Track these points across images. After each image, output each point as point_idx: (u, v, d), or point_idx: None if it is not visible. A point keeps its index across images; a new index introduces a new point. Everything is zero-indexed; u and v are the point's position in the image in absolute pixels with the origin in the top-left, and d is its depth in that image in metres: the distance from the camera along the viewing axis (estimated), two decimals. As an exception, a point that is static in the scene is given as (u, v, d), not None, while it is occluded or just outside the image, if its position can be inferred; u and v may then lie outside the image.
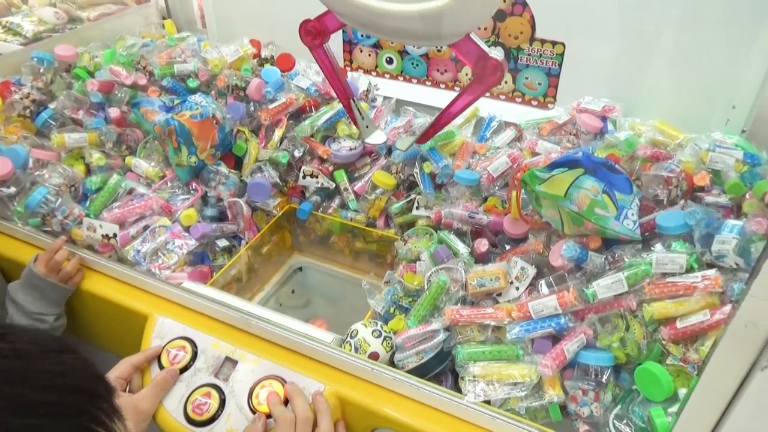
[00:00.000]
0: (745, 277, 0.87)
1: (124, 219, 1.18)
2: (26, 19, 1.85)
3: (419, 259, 1.13)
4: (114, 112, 1.37)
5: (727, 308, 0.82)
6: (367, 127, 1.06)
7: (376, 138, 1.10)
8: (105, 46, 1.58)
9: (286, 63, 1.55)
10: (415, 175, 1.30)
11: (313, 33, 0.94)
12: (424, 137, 1.02)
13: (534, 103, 1.42)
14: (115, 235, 1.13)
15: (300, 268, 1.46)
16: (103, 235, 1.13)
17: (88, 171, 1.31)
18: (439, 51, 1.46)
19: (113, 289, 1.11)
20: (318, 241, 1.44)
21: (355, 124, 1.07)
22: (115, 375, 0.94)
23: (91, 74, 1.47)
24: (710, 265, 0.90)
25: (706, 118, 1.26)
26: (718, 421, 0.67)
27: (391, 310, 1.06)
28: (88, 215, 1.18)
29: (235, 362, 0.98)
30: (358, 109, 1.03)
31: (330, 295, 1.45)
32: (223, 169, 1.31)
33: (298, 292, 1.45)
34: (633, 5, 1.22)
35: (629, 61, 1.28)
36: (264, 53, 1.60)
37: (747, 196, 1.02)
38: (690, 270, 0.87)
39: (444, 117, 1.03)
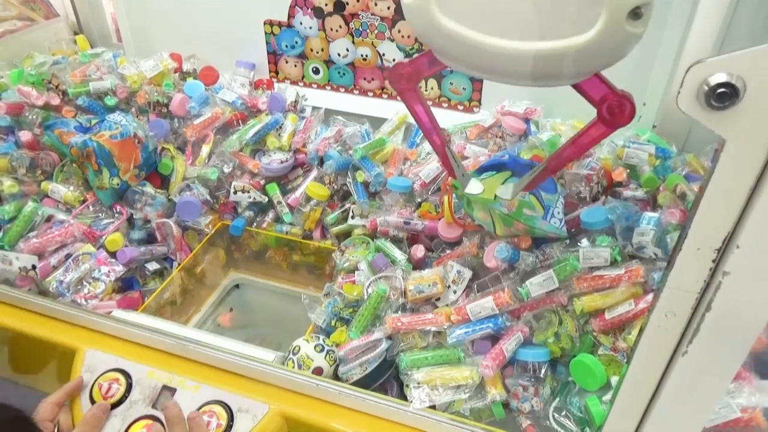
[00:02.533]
0: (663, 266, 0.93)
1: (44, 249, 1.11)
2: None
3: (358, 269, 1.13)
4: (25, 135, 1.29)
5: (650, 297, 0.87)
6: (462, 176, 0.92)
7: (474, 188, 0.95)
8: (11, 65, 1.49)
9: (209, 76, 1.52)
10: (348, 184, 1.30)
11: (407, 78, 0.80)
12: (532, 184, 0.87)
13: (460, 107, 1.45)
14: (33, 267, 1.06)
15: (237, 286, 1.43)
16: (20, 268, 1.06)
17: (0, 200, 1.23)
18: (365, 60, 1.47)
19: (36, 324, 1.04)
20: (254, 256, 1.41)
21: (450, 173, 0.92)
22: (38, 419, 0.88)
23: (-3, 96, 1.38)
24: (632, 257, 0.95)
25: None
26: (647, 404, 0.71)
27: (333, 323, 1.05)
28: (2, 247, 1.11)
29: (173, 390, 0.95)
30: (453, 158, 0.88)
31: (270, 310, 1.42)
32: (149, 189, 1.27)
33: (236, 310, 1.42)
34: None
35: None
36: (186, 67, 1.56)
37: (661, 188, 1.08)
38: (614, 263, 0.92)
39: (555, 161, 0.84)
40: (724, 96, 0.48)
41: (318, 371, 0.96)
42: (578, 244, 0.98)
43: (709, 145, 1.18)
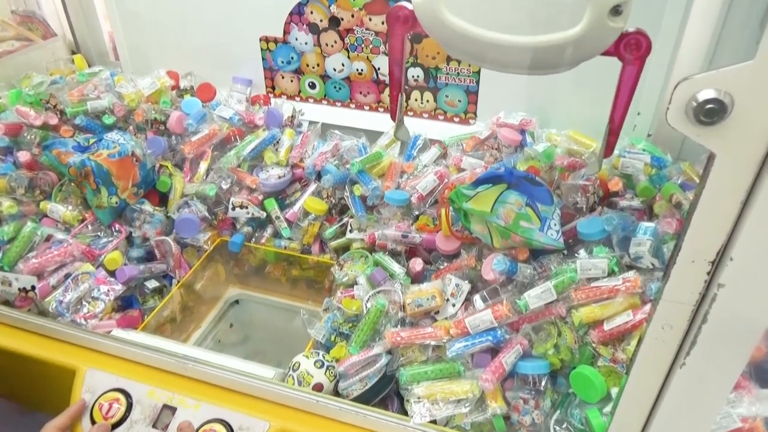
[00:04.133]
0: (661, 276, 0.93)
1: (43, 269, 1.12)
2: None
3: (356, 283, 1.14)
4: (24, 155, 1.30)
5: (648, 308, 0.87)
6: (399, 122, 1.03)
7: (404, 135, 1.06)
8: (9, 86, 1.50)
9: (206, 93, 1.53)
10: (346, 198, 1.31)
11: (403, 20, 0.86)
12: (608, 149, 0.94)
13: (456, 119, 1.46)
14: (33, 288, 1.06)
15: (236, 301, 1.43)
16: (20, 289, 1.07)
17: (-1, 220, 1.23)
18: (360, 74, 1.48)
19: (36, 345, 1.04)
20: (253, 272, 1.41)
21: (392, 116, 1.04)
22: None
23: (-5, 117, 1.39)
24: (630, 267, 0.95)
25: None
26: (647, 416, 0.71)
27: (332, 338, 1.05)
28: (1, 268, 1.11)
29: (173, 409, 0.95)
30: (400, 106, 0.99)
31: (269, 326, 1.42)
32: (148, 207, 1.27)
33: (236, 327, 1.42)
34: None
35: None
36: (183, 84, 1.57)
37: (657, 198, 1.09)
38: (612, 273, 0.92)
39: (615, 118, 0.92)
40: (713, 112, 0.48)
41: (318, 387, 0.96)
42: (576, 255, 0.98)
43: (704, 154, 1.18)
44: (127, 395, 0.96)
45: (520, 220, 0.97)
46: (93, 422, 0.93)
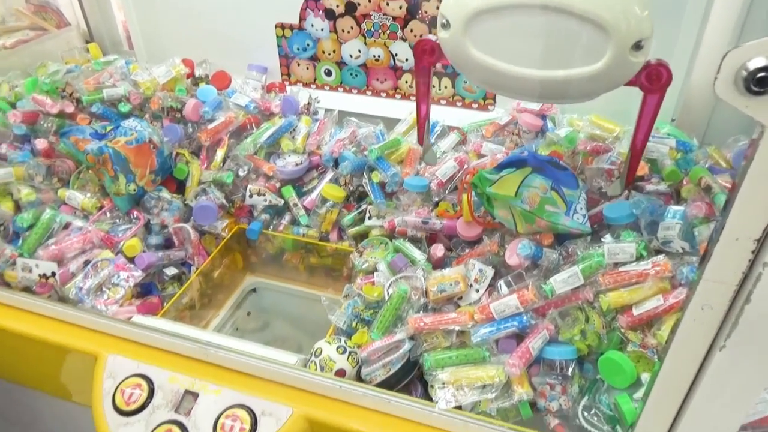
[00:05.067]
0: (691, 260, 0.91)
1: (62, 255, 1.11)
2: (-67, 50, 1.72)
3: (377, 270, 1.12)
4: (41, 143, 1.29)
5: (679, 292, 0.85)
6: (429, 146, 1.09)
7: (431, 158, 1.12)
8: (25, 74, 1.49)
9: (222, 81, 1.51)
10: (364, 185, 1.29)
11: (429, 53, 0.92)
12: (630, 174, 0.97)
13: (474, 106, 1.44)
14: (53, 274, 1.06)
15: (254, 290, 1.42)
16: (40, 275, 1.06)
17: (17, 208, 1.23)
18: (377, 60, 1.46)
19: (57, 332, 1.04)
20: (271, 260, 1.40)
21: (420, 141, 1.10)
22: None
23: (12, 105, 1.39)
24: (658, 251, 0.93)
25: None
26: (682, 401, 0.70)
27: (353, 324, 1.04)
28: (21, 255, 1.11)
29: (195, 395, 0.94)
30: (427, 130, 1.07)
31: (287, 314, 1.42)
32: (165, 194, 1.26)
33: (254, 314, 1.41)
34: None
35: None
36: (198, 72, 1.56)
37: (684, 182, 1.07)
38: (640, 258, 0.90)
39: (637, 143, 0.95)
40: (764, 81, 0.46)
41: (341, 373, 0.95)
42: (602, 239, 0.97)
43: (731, 137, 1.17)
44: (149, 381, 0.96)
45: (545, 204, 0.96)
46: (115, 408, 0.93)
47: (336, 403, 0.92)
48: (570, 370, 0.88)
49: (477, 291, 1.00)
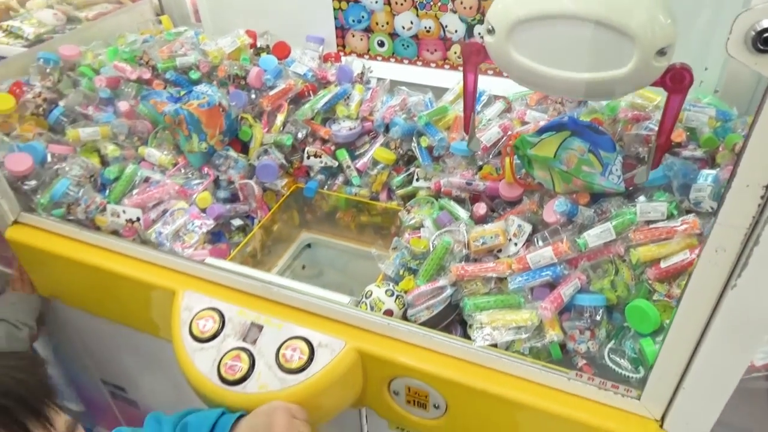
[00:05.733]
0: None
1: (144, 204, 1.25)
2: (26, 22, 1.90)
3: (423, 226, 1.22)
4: (123, 105, 1.43)
5: (704, 245, 0.91)
6: (472, 138, 1.20)
7: (475, 146, 1.23)
8: (106, 44, 1.64)
9: (282, 51, 1.62)
10: (413, 149, 1.38)
11: (476, 53, 1.03)
12: (655, 162, 1.04)
13: (520, 76, 1.50)
14: (138, 219, 1.20)
15: (309, 245, 1.54)
16: (127, 220, 1.21)
17: (103, 162, 1.38)
18: (428, 32, 1.54)
19: (141, 270, 1.19)
20: (324, 218, 1.52)
21: (466, 130, 1.21)
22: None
23: (96, 71, 1.53)
24: (689, 212, 0.99)
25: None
26: (699, 338, 0.77)
27: (401, 272, 1.14)
28: (109, 203, 1.26)
29: (260, 327, 1.06)
30: (473, 124, 1.18)
31: (339, 268, 1.53)
32: (232, 153, 1.39)
33: (308, 268, 1.53)
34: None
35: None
36: (260, 43, 1.67)
37: (720, 148, 1.11)
38: (670, 217, 0.96)
39: (661, 137, 1.01)
40: (770, 40, 0.53)
41: (388, 313, 1.06)
42: (635, 200, 1.03)
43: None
44: (220, 313, 1.09)
45: (582, 165, 1.03)
46: (192, 335, 1.06)
47: (384, 339, 1.03)
48: (599, 316, 0.96)
49: (515, 245, 1.08)
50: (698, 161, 1.09)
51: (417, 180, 1.36)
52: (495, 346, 0.98)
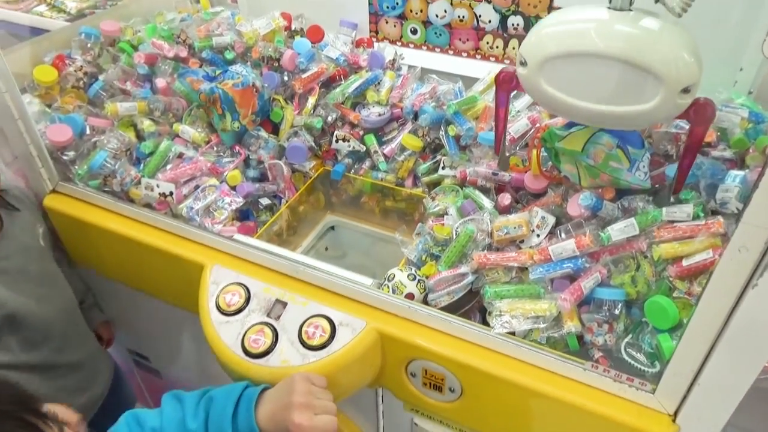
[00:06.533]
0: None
1: (177, 180, 1.29)
2: (68, -4, 1.95)
3: (447, 214, 1.23)
4: (161, 82, 1.47)
5: (728, 245, 0.92)
6: (504, 155, 1.24)
7: (505, 164, 1.25)
8: (145, 21, 1.67)
9: (316, 35, 1.63)
10: (440, 137, 1.39)
11: (509, 81, 1.08)
12: (678, 186, 1.04)
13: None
14: (171, 193, 1.24)
15: (332, 227, 1.57)
16: (160, 194, 1.25)
17: (138, 137, 1.42)
18: (461, 21, 1.54)
19: (171, 243, 1.23)
20: (349, 201, 1.54)
21: (496, 151, 1.24)
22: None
23: (135, 48, 1.57)
24: (714, 212, 0.99)
25: (714, 80, 1.33)
26: (717, 335, 0.78)
27: (423, 258, 1.17)
28: (144, 176, 1.30)
29: (284, 304, 1.10)
30: (504, 144, 1.22)
31: (362, 252, 1.56)
32: (263, 133, 1.42)
33: (331, 250, 1.56)
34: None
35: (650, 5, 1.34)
36: (294, 26, 1.69)
37: (750, 150, 1.10)
38: (696, 218, 0.97)
39: (683, 165, 1.02)
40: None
41: (410, 296, 1.08)
42: (661, 197, 1.03)
43: (808, 111, 1.18)
44: (246, 288, 1.12)
45: (609, 161, 1.03)
46: (218, 308, 1.10)
47: (404, 321, 1.05)
48: (617, 310, 0.97)
49: (538, 236, 1.09)
50: (727, 162, 1.09)
51: (443, 168, 1.38)
52: (513, 334, 1.00)
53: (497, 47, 1.56)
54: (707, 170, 1.01)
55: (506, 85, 1.10)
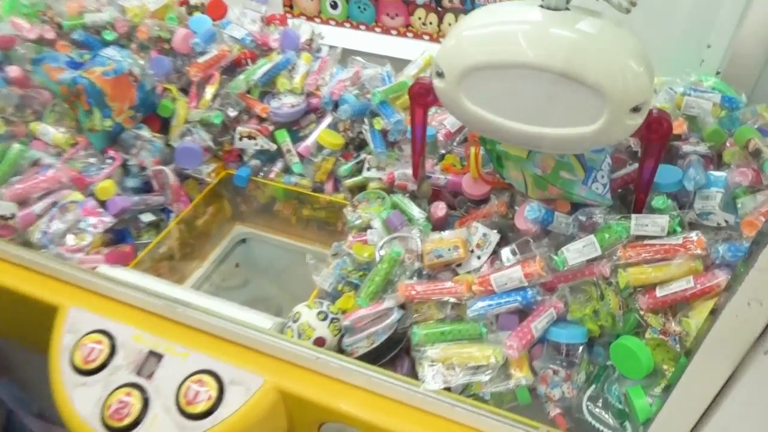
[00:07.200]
0: (729, 237, 0.78)
1: (28, 195, 1.02)
2: None
3: (370, 227, 1.01)
4: (14, 71, 1.18)
5: (716, 277, 0.72)
6: (422, 179, 1.03)
7: (425, 191, 1.05)
8: (4, -6, 1.37)
9: (217, 10, 1.38)
10: (364, 132, 1.18)
11: (425, 94, 0.88)
12: (637, 207, 0.88)
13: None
14: (13, 216, 0.97)
15: (243, 240, 1.33)
16: None
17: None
18: (387, -8, 1.31)
19: (17, 278, 0.95)
20: (261, 209, 1.31)
21: (414, 176, 1.03)
22: None
23: (-13, 28, 1.27)
24: (693, 225, 0.80)
25: (679, 58, 1.17)
26: (708, 406, 0.58)
27: (339, 287, 0.94)
28: (-19, 192, 1.02)
29: (160, 356, 0.86)
30: (423, 166, 1.01)
31: (277, 267, 1.33)
32: (146, 133, 1.16)
33: (243, 266, 1.33)
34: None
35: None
36: (192, 0, 1.42)
37: (728, 143, 0.92)
38: (672, 233, 0.77)
39: (640, 193, 0.86)
40: None
41: (320, 342, 0.86)
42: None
43: (788, 96, 1.01)
44: (111, 337, 0.87)
45: (560, 170, 0.83)
46: (73, 366, 0.85)
47: (312, 375, 0.83)
48: (577, 354, 0.77)
49: (479, 257, 0.89)
50: (702, 158, 0.90)
51: (368, 169, 1.16)
52: (449, 389, 0.78)
53: (431, 23, 1.34)
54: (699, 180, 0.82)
55: (421, 99, 0.89)
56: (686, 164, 0.85)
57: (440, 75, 0.78)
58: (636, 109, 0.71)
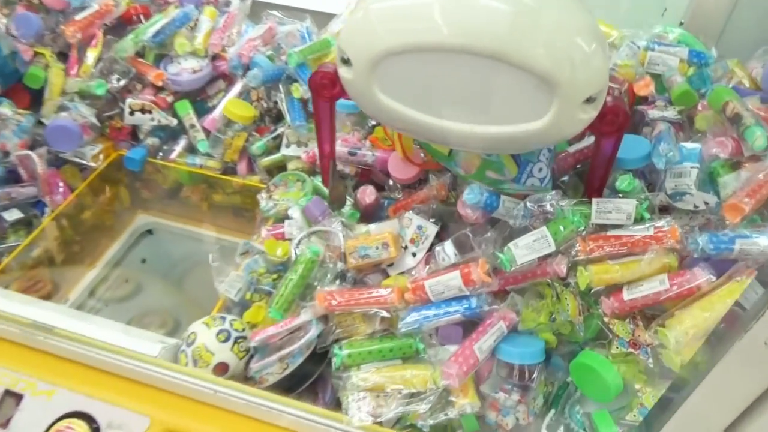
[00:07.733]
0: (706, 223, 0.65)
1: None
2: None
3: (288, 217, 0.85)
4: None
5: (699, 278, 0.59)
6: (332, 188, 0.87)
7: (340, 199, 0.87)
8: None
9: (99, -46, 1.15)
10: (280, 102, 1.01)
11: (330, 86, 0.72)
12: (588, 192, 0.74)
13: None
14: None
15: (149, 231, 1.15)
16: None
17: None
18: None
19: None
20: (167, 195, 1.13)
21: (324, 184, 0.88)
22: None
23: None
24: (663, 209, 0.67)
25: (639, 7, 1.04)
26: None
27: (249, 295, 0.78)
28: None
29: (19, 397, 0.70)
30: (333, 173, 0.84)
31: (191, 261, 1.15)
32: (6, 110, 0.95)
33: (150, 262, 1.14)
34: None
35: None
36: (70, -57, 1.19)
37: (699, 106, 0.79)
38: (639, 221, 0.64)
39: (593, 183, 0.72)
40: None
41: (222, 368, 0.70)
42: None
43: (762, 47, 0.88)
44: (-46, 378, 0.69)
45: (486, 170, 0.69)
46: None
47: (209, 410, 0.68)
48: (533, 376, 0.64)
49: (414, 255, 0.74)
50: (671, 125, 0.77)
51: (286, 146, 1.00)
52: (380, 423, 0.64)
53: (358, -31, 1.15)
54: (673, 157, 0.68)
55: (326, 91, 0.73)
56: (655, 136, 0.72)
57: (346, 62, 0.63)
58: (590, 100, 0.58)
